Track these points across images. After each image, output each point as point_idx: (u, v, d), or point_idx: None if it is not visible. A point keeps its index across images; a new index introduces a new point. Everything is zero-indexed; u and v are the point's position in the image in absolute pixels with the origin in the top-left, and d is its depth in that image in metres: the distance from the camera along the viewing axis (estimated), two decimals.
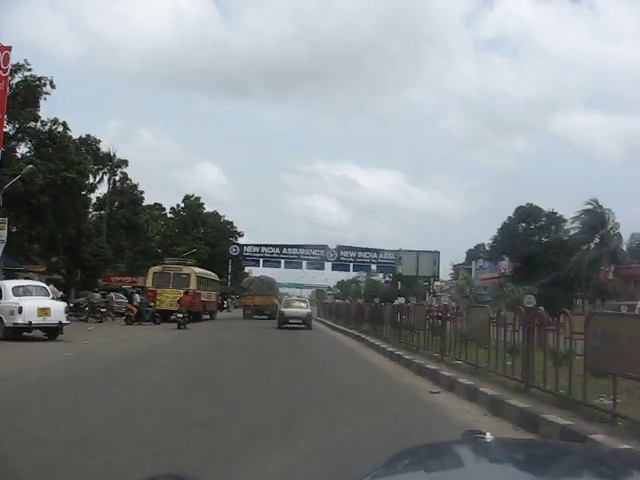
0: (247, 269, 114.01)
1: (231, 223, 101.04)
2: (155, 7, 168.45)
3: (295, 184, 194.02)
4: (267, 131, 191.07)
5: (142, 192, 60.35)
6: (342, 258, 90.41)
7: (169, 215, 76.87)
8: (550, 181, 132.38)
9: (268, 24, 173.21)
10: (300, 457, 6.77)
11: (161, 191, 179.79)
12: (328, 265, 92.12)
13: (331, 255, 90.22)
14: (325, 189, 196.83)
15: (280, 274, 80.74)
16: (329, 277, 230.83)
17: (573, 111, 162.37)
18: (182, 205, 76.34)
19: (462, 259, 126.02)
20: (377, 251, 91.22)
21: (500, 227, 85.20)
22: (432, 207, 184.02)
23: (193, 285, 34.66)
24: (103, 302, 35.24)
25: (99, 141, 50.50)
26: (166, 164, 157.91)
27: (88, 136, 49.37)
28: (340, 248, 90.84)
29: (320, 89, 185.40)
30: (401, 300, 25.68)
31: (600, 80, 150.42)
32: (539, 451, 2.26)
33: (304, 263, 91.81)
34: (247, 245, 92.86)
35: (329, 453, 6.94)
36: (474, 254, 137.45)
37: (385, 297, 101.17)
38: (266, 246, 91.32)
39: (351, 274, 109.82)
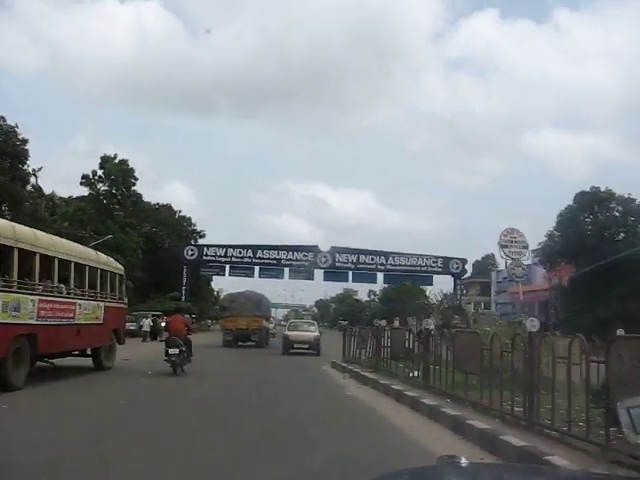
0: (216, 285, 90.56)
1: (189, 220, 76.82)
2: (119, 23, 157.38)
3: (264, 203, 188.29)
4: (236, 149, 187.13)
5: (26, 142, 36.03)
6: (338, 264, 66.67)
7: (84, 194, 50.08)
8: (518, 200, 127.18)
9: (235, 42, 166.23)
10: None
11: None
12: (319, 273, 68.30)
13: (323, 260, 66.39)
14: (294, 209, 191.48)
15: (252, 286, 56.19)
16: (312, 291, 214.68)
17: (542, 131, 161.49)
18: (100, 173, 50.29)
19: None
20: (385, 254, 67.53)
21: (558, 219, 61.95)
22: (404, 226, 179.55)
23: None
24: None
25: None
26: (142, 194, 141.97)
27: None
28: (336, 250, 67.07)
29: (289, 107, 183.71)
30: (382, 322, 18.83)
31: (566, 100, 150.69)
32: (512, 475, 2.28)
33: (286, 271, 67.84)
34: (208, 246, 68.47)
35: None
36: (482, 266, 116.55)
37: (372, 320, 79.12)
38: (234, 247, 67.14)
39: (349, 285, 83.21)
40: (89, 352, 17.67)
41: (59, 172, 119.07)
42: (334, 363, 20.67)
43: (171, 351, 16.85)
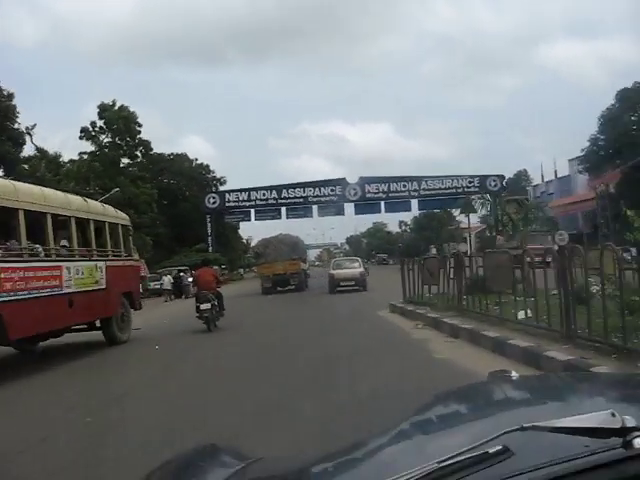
0: (244, 233, 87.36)
1: (207, 167, 72.92)
2: None
3: (284, 147, 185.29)
4: (249, 96, 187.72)
5: (12, 97, 32.12)
6: (368, 195, 62.74)
7: (87, 150, 44.94)
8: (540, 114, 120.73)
9: None
10: None
11: None
12: (349, 207, 64.37)
13: (353, 192, 62.45)
14: (314, 149, 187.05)
15: (280, 228, 52.83)
16: (342, 229, 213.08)
17: (555, 41, 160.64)
18: (100, 124, 45.45)
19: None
20: (418, 180, 63.22)
21: (600, 122, 56.90)
22: (425, 154, 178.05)
23: None
24: None
25: None
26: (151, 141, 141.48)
27: None
28: (365, 181, 62.96)
29: (295, 47, 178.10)
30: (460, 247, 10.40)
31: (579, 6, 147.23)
32: (566, 383, 2.25)
33: (314, 209, 64.03)
34: (230, 191, 64.89)
35: None
36: (515, 183, 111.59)
37: (407, 250, 75.37)
38: (258, 189, 63.39)
39: (382, 217, 78.21)
40: (98, 324, 14.33)
41: (73, 142, 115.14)
42: (393, 306, 16.87)
43: (203, 306, 15.54)
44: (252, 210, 63.57)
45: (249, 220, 65.16)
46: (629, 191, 56.38)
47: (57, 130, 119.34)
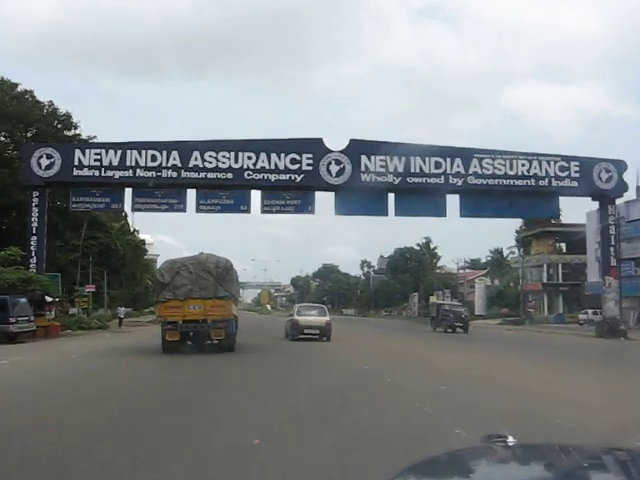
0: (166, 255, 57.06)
1: (66, 118, 40.33)
2: None
3: None
4: (185, 112, 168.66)
5: None
6: (365, 177, 31.32)
7: None
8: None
9: None
10: None
11: None
12: (326, 200, 33.03)
13: (335, 169, 30.90)
14: None
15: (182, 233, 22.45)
16: (288, 266, 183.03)
17: (519, 83, 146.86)
18: None
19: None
20: (465, 155, 32.31)
21: None
22: None
23: None
24: None
25: None
26: None
27: None
28: (361, 148, 31.70)
29: (241, 64, 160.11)
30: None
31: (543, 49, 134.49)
32: (564, 456, 2.22)
33: (255, 196, 32.31)
34: (87, 147, 32.50)
35: None
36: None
37: (374, 298, 19.08)
38: (142, 148, 31.17)
39: (389, 220, 39.84)
40: None
41: None
42: None
43: None
44: (128, 190, 31.33)
45: (119, 207, 32.99)
46: None
47: None
